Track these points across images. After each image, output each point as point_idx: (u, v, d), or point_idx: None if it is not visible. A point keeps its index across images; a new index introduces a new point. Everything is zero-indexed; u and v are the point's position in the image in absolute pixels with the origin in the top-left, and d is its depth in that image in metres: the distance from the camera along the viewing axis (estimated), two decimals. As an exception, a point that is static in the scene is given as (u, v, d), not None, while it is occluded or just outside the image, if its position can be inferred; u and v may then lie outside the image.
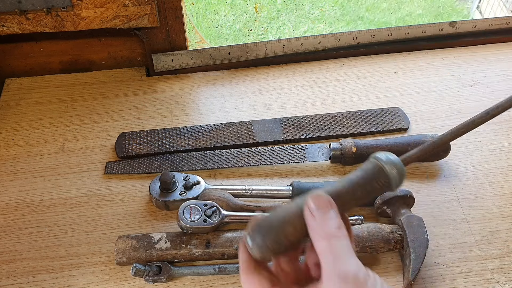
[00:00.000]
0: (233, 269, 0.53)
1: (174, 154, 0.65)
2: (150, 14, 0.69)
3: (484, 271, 0.54)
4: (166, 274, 0.52)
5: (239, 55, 0.78)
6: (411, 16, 1.65)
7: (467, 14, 1.62)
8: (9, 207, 0.60)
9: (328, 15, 1.67)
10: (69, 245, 0.56)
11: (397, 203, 0.56)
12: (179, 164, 0.64)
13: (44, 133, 0.69)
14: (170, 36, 0.75)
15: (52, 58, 0.77)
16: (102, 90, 0.76)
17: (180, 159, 0.64)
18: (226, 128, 0.69)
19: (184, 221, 0.53)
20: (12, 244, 0.57)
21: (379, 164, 0.34)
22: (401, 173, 0.33)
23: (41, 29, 0.69)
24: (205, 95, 0.75)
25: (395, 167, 0.33)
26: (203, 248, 0.53)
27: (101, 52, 0.78)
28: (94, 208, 0.60)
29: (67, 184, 0.63)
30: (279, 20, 1.64)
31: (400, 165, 0.33)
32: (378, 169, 0.33)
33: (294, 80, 0.77)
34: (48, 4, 0.66)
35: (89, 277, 0.54)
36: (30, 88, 0.76)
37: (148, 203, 0.60)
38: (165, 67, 0.77)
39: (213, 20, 1.62)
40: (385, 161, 0.33)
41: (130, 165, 0.64)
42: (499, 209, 0.59)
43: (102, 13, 0.68)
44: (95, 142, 0.68)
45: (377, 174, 0.33)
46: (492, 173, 0.63)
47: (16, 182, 0.63)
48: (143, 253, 0.53)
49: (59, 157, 0.66)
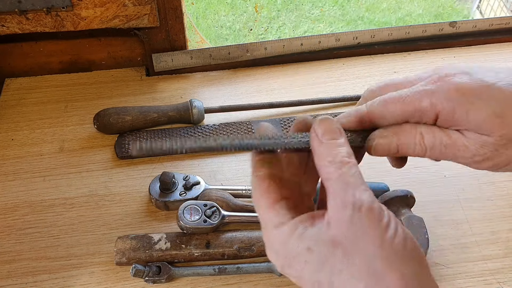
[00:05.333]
0: (233, 270, 0.53)
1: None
2: (150, 14, 0.69)
3: (485, 271, 0.53)
4: (166, 275, 0.52)
5: (239, 55, 0.78)
6: (411, 16, 1.65)
7: (467, 14, 1.62)
8: (9, 207, 0.60)
9: (328, 15, 1.67)
10: (68, 246, 0.56)
11: (397, 203, 0.56)
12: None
13: (43, 133, 0.69)
14: (170, 36, 0.75)
15: (51, 58, 0.77)
16: (102, 90, 0.76)
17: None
18: (226, 128, 0.68)
19: (184, 222, 0.53)
20: (11, 245, 0.56)
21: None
22: None
23: (41, 29, 0.69)
24: (205, 95, 0.75)
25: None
26: (203, 248, 0.53)
27: (101, 52, 0.78)
28: (94, 208, 0.60)
29: (67, 184, 0.62)
30: (279, 20, 1.64)
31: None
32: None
33: (294, 80, 0.77)
34: (48, 4, 0.66)
35: (88, 277, 0.53)
36: (29, 88, 0.76)
37: (147, 204, 0.60)
38: (165, 67, 0.77)
39: (213, 20, 1.62)
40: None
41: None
42: (500, 210, 0.59)
43: (102, 13, 0.68)
44: (94, 142, 0.68)
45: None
46: (493, 173, 0.62)
47: (15, 182, 0.63)
48: (143, 254, 0.53)
49: (58, 157, 0.66)
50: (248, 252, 0.53)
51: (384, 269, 0.27)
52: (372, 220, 0.27)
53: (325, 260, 0.28)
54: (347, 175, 0.29)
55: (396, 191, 0.55)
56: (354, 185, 0.28)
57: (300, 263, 0.29)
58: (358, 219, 0.27)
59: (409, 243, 0.28)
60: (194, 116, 0.68)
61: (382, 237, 0.27)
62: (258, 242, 0.54)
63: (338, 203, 0.28)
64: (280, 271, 0.31)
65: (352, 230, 0.27)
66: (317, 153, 0.30)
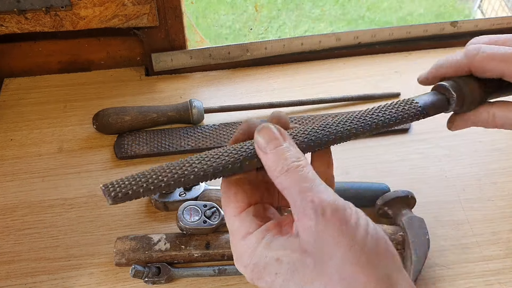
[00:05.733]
0: (233, 271, 0.53)
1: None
2: (150, 14, 0.69)
3: (486, 272, 0.53)
4: (165, 276, 0.52)
5: (239, 54, 0.78)
6: (412, 15, 1.64)
7: (469, 13, 1.62)
8: (8, 208, 0.60)
9: (328, 14, 1.66)
10: (68, 246, 0.56)
11: (398, 204, 0.55)
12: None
13: (42, 133, 0.69)
14: (169, 36, 0.74)
15: (51, 58, 0.77)
16: (101, 90, 0.75)
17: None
18: (226, 128, 0.68)
19: (183, 222, 0.53)
20: (10, 245, 0.56)
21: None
22: None
23: (40, 28, 0.68)
24: (205, 95, 0.75)
25: None
26: (203, 249, 0.53)
27: (100, 52, 0.77)
28: (93, 209, 0.60)
29: (66, 185, 0.62)
30: (279, 20, 1.63)
31: None
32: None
33: (294, 80, 0.77)
34: (47, 4, 0.66)
35: (88, 278, 0.53)
36: (28, 88, 0.76)
37: (147, 204, 0.60)
38: (164, 66, 0.77)
39: (212, 20, 1.62)
40: None
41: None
42: (501, 210, 0.59)
43: (101, 13, 0.68)
44: (94, 142, 0.67)
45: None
46: (494, 174, 0.63)
47: (14, 182, 0.63)
48: (142, 254, 0.52)
49: (57, 157, 0.66)
50: (248, 253, 0.53)
51: (356, 274, 0.26)
52: (339, 223, 0.26)
53: (295, 271, 0.27)
54: (300, 180, 0.27)
55: (396, 192, 0.55)
56: (309, 188, 0.27)
57: (270, 275, 0.28)
58: (324, 226, 0.26)
59: (381, 241, 0.27)
60: (194, 116, 0.68)
61: (352, 239, 0.26)
62: (258, 243, 0.53)
63: (300, 211, 0.27)
64: (251, 283, 0.30)
65: (320, 238, 0.26)
66: (265, 165, 0.29)
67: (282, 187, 0.28)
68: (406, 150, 0.66)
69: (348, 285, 0.26)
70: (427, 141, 0.67)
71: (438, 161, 0.64)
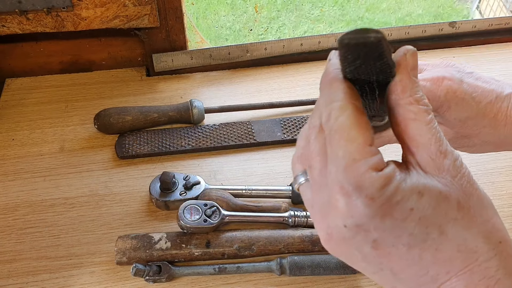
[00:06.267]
0: (233, 269, 0.53)
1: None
2: (150, 14, 0.70)
3: (484, 271, 0.54)
4: (166, 274, 0.52)
5: (239, 55, 0.78)
6: (411, 16, 1.65)
7: (467, 14, 1.63)
8: (9, 207, 0.60)
9: (328, 15, 1.67)
10: (69, 245, 0.56)
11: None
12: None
13: (44, 133, 0.69)
14: (170, 36, 0.75)
15: (52, 58, 0.77)
16: (102, 90, 0.76)
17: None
18: (226, 128, 0.69)
19: (184, 221, 0.53)
20: (12, 244, 0.57)
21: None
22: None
23: (41, 29, 0.69)
24: (205, 95, 0.75)
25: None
26: (203, 248, 0.53)
27: (101, 52, 0.78)
28: (94, 208, 0.60)
29: (67, 184, 0.63)
30: (279, 20, 1.64)
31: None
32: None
33: (294, 80, 0.77)
34: (48, 4, 0.66)
35: (89, 277, 0.54)
36: (30, 88, 0.76)
37: (148, 203, 0.60)
38: (165, 67, 0.77)
39: (213, 20, 1.63)
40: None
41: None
42: (499, 209, 0.58)
43: (102, 13, 0.68)
44: (95, 142, 0.68)
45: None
46: (492, 173, 0.63)
47: (16, 182, 0.63)
48: (143, 253, 0.53)
49: (59, 157, 0.66)
50: (248, 251, 0.54)
51: (500, 226, 0.27)
52: (468, 170, 0.27)
53: (437, 207, 0.25)
54: (434, 122, 0.27)
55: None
56: (442, 135, 0.27)
57: (403, 211, 0.25)
58: (461, 168, 0.27)
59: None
60: (194, 116, 0.68)
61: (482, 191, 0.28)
62: (258, 241, 0.54)
63: (434, 149, 0.26)
64: (365, 222, 0.25)
65: (458, 178, 0.26)
66: (401, 86, 0.27)
67: (414, 117, 0.26)
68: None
69: (493, 228, 0.27)
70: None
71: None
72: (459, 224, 0.26)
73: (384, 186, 0.25)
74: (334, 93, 0.26)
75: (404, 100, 0.27)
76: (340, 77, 0.27)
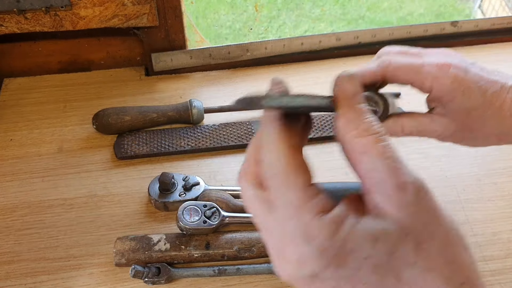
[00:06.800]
0: (233, 271, 0.53)
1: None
2: (149, 13, 0.69)
3: (486, 272, 0.53)
4: (165, 276, 0.52)
5: (239, 54, 0.78)
6: (412, 15, 1.64)
7: (469, 13, 1.62)
8: (8, 208, 0.60)
9: (329, 14, 1.66)
10: (67, 246, 0.56)
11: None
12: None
13: (42, 134, 0.69)
14: (169, 36, 0.74)
15: (50, 58, 0.77)
16: (101, 90, 0.75)
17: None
18: (226, 128, 0.68)
19: (183, 222, 0.53)
20: (10, 245, 0.56)
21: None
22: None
23: (40, 28, 0.68)
24: (205, 95, 0.75)
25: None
26: (203, 249, 0.53)
27: (100, 52, 0.77)
28: (93, 209, 0.59)
29: (66, 185, 0.62)
30: (279, 19, 1.63)
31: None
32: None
33: (294, 80, 0.77)
34: (47, 4, 0.65)
35: (87, 278, 0.53)
36: (28, 88, 0.76)
37: (147, 204, 0.60)
38: (164, 66, 0.77)
39: (212, 19, 1.62)
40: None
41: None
42: (501, 210, 0.59)
43: (101, 12, 0.68)
44: (93, 142, 0.67)
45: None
46: (495, 174, 0.63)
47: (14, 182, 0.63)
48: (142, 255, 0.52)
49: (57, 157, 0.66)
50: (248, 253, 0.53)
51: (461, 256, 0.24)
52: (435, 203, 0.24)
53: (393, 253, 0.23)
54: (389, 151, 0.24)
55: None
56: (401, 163, 0.24)
57: (356, 261, 0.23)
58: (423, 201, 0.24)
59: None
60: (194, 116, 0.68)
61: (450, 220, 0.24)
62: (258, 243, 0.53)
63: (391, 184, 0.24)
64: (317, 273, 0.24)
65: (421, 214, 0.24)
66: (343, 121, 0.26)
67: (364, 150, 0.24)
68: (406, 150, 0.65)
69: (454, 268, 0.24)
70: (427, 141, 0.66)
71: (438, 161, 0.64)
72: (418, 267, 0.23)
73: (335, 233, 0.23)
74: (267, 135, 0.26)
75: (349, 133, 0.25)
76: (273, 115, 0.26)
